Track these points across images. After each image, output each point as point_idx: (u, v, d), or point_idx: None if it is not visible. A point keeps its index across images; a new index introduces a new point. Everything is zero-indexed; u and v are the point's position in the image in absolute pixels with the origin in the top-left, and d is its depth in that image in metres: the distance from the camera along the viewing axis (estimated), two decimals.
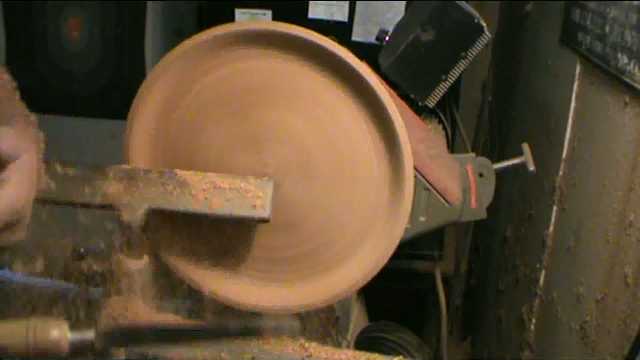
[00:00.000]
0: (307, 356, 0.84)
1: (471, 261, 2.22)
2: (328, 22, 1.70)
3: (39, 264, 0.91)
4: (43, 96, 2.44)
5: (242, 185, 0.96)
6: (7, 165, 0.65)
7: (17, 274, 0.99)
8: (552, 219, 1.37)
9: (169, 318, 0.90)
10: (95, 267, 0.92)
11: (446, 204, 1.10)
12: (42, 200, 0.75)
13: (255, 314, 1.06)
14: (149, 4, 2.31)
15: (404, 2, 1.66)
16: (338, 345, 1.33)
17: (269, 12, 1.70)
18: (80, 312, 0.95)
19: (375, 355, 0.87)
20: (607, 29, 1.08)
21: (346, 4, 1.68)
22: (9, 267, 0.98)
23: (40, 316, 0.68)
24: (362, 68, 0.97)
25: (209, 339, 0.80)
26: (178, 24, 2.33)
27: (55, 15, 2.36)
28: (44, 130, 0.94)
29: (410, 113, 1.28)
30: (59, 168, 0.89)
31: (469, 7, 1.35)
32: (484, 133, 2.05)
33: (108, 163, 0.97)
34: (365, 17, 1.68)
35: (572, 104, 1.29)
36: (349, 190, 1.01)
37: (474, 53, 1.33)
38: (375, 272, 1.03)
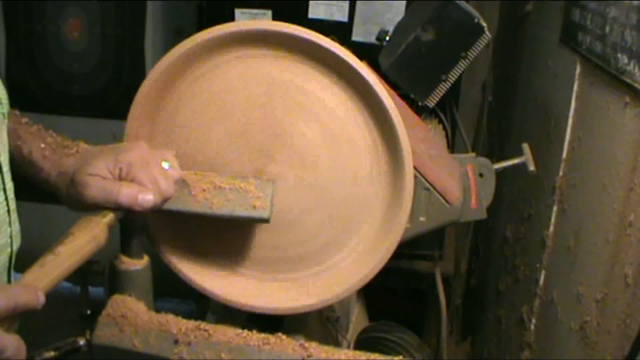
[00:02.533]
0: (307, 356, 0.84)
1: (471, 261, 2.22)
2: (328, 22, 1.70)
3: None
4: (43, 96, 2.44)
5: (242, 185, 0.96)
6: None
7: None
8: (552, 219, 1.37)
9: (169, 318, 0.90)
10: (95, 267, 0.92)
11: (446, 204, 1.10)
12: None
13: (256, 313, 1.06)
14: (149, 4, 2.31)
15: (404, 2, 1.66)
16: (338, 345, 1.33)
17: (269, 12, 1.70)
18: (80, 312, 0.95)
19: (375, 355, 0.87)
20: (607, 29, 1.08)
21: (346, 4, 1.68)
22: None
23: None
24: (362, 68, 0.97)
25: None
26: (178, 24, 2.33)
27: (55, 15, 2.36)
28: None
29: (410, 113, 1.28)
30: None
31: (469, 7, 1.35)
32: (484, 133, 2.05)
33: None
34: (365, 17, 1.68)
35: (572, 104, 1.29)
36: (349, 190, 1.01)
37: (474, 53, 1.33)
38: (375, 272, 1.03)
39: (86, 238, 0.81)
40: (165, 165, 0.90)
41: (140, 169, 0.87)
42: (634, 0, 0.97)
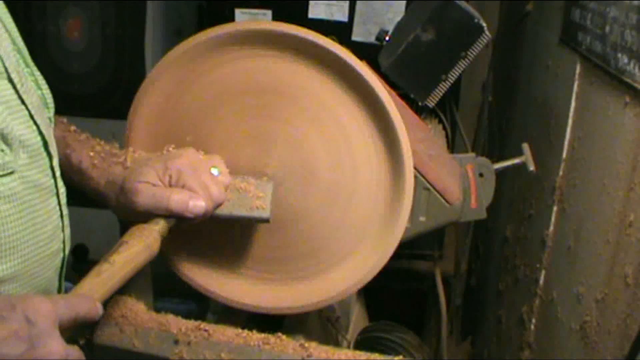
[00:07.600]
0: (307, 356, 0.84)
1: (471, 261, 2.22)
2: (328, 22, 1.70)
3: None
4: None
5: (242, 185, 0.96)
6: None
7: None
8: (552, 219, 1.37)
9: (169, 318, 0.90)
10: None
11: (446, 204, 1.10)
12: None
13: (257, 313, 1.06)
14: (149, 4, 2.31)
15: (404, 2, 1.66)
16: (338, 345, 1.33)
17: (269, 12, 1.70)
18: None
19: (375, 355, 0.87)
20: (607, 29, 1.08)
21: (346, 4, 1.68)
22: None
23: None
24: (362, 68, 0.97)
25: None
26: (178, 24, 2.33)
27: (55, 15, 2.36)
28: None
29: (410, 113, 1.28)
30: None
31: (469, 7, 1.35)
32: (484, 133, 2.05)
33: None
34: (365, 17, 1.68)
35: (572, 104, 1.29)
36: (349, 190, 1.01)
37: (474, 53, 1.33)
38: (375, 272, 1.03)
39: (140, 246, 0.81)
40: (214, 171, 0.91)
41: (190, 175, 0.87)
42: (634, 0, 0.97)
